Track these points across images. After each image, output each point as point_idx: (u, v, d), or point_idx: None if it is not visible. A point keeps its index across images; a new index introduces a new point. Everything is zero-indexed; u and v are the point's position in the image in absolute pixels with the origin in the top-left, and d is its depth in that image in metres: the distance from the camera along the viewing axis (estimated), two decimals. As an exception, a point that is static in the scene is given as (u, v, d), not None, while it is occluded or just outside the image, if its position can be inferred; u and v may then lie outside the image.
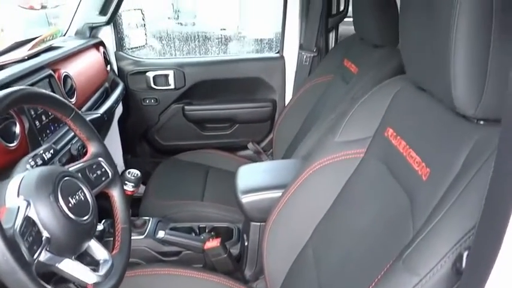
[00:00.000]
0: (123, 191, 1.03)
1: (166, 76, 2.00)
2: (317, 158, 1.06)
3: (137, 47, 2.09)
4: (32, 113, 1.14)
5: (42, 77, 1.26)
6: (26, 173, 0.81)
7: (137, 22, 2.05)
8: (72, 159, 1.20)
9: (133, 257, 1.41)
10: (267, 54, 2.30)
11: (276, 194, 1.21)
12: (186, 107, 2.09)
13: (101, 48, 1.85)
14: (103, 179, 0.98)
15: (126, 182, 1.33)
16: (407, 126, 0.84)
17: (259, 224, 1.29)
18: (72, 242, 0.80)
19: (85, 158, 0.98)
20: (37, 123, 1.17)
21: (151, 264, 1.26)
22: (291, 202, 1.10)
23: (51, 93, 0.90)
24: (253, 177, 1.36)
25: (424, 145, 0.76)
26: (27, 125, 1.12)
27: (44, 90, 0.89)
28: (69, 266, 0.81)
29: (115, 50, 2.00)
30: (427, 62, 0.73)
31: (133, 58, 2.04)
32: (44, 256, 0.77)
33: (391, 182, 0.83)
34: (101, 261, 0.90)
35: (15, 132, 1.08)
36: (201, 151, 2.00)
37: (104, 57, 1.85)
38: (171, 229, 1.48)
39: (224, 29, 3.20)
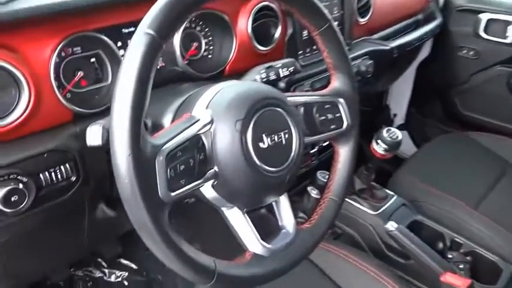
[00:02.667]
0: (353, 154, 0.73)
1: (508, 24, 1.40)
2: None
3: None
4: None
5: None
6: (229, 84, 0.61)
7: None
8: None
9: (354, 229, 1.14)
10: None
11: None
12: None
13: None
14: (332, 127, 0.70)
15: (378, 141, 1.00)
16: None
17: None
18: (247, 192, 0.58)
19: (321, 92, 0.71)
20: (304, 33, 0.96)
21: (361, 255, 0.94)
22: None
23: None
24: None
25: None
26: (290, 31, 0.93)
27: None
28: (234, 218, 0.61)
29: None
30: None
31: (471, -10, 1.52)
32: (209, 193, 0.59)
33: None
34: (281, 230, 0.66)
35: (273, 35, 0.90)
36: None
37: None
38: (413, 223, 1.10)
39: None
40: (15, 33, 0.58)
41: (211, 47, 0.86)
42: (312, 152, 1.14)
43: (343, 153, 0.72)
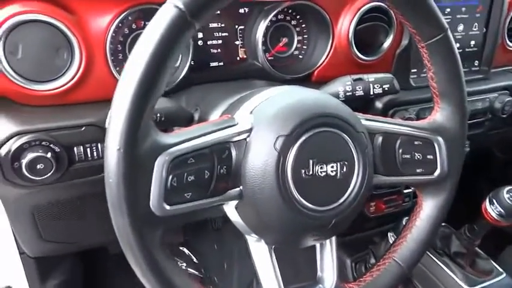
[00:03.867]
0: (442, 212, 0.54)
1: None
2: None
3: None
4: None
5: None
6: (285, 90, 0.49)
7: None
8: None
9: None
10: None
11: None
12: None
13: None
14: (418, 170, 0.53)
15: (494, 202, 0.77)
16: None
17: None
18: (277, 228, 0.46)
19: (414, 123, 0.54)
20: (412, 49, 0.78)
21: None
22: None
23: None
24: None
25: None
26: (405, 42, 0.76)
27: None
28: (258, 253, 0.49)
29: None
30: None
31: None
32: (232, 216, 0.48)
33: None
34: (317, 285, 0.52)
35: (381, 44, 0.74)
36: None
37: None
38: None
39: None
40: (75, -6, 0.55)
41: (304, 46, 0.75)
42: (405, 191, 0.95)
43: (427, 208, 0.55)
